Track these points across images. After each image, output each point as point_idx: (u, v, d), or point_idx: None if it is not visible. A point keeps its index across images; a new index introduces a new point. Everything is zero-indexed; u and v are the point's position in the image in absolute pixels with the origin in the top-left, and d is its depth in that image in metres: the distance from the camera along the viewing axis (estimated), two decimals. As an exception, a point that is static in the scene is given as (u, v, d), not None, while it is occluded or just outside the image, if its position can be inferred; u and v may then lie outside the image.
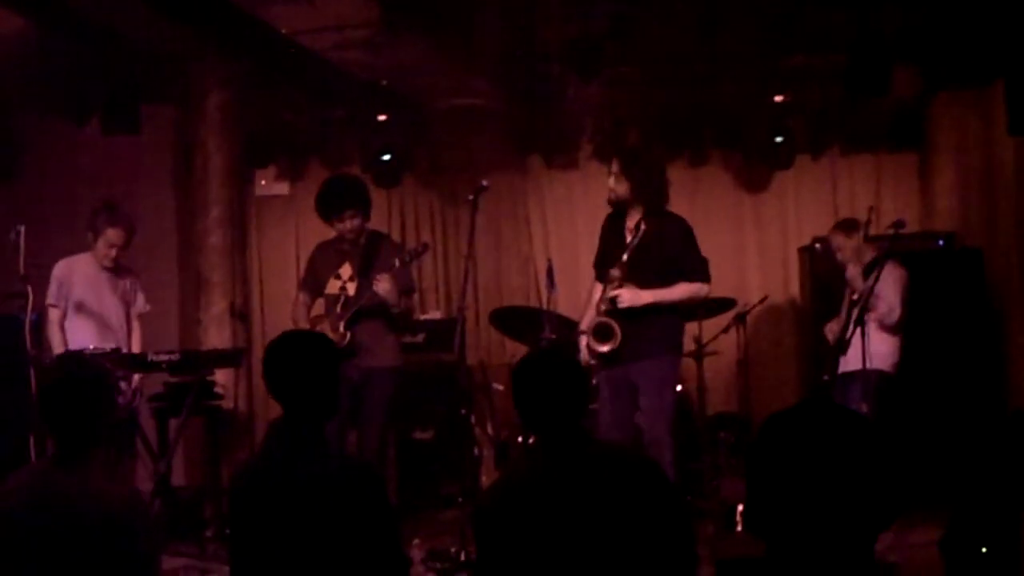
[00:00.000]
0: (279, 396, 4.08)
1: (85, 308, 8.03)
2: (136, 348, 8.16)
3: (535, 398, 3.90)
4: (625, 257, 7.03)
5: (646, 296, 6.95)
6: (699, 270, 7.05)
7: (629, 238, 7.08)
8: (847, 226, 8.32)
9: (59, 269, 8.04)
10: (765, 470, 2.35)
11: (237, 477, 4.11)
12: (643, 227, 7.01)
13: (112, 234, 7.95)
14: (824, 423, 2.34)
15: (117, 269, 8.14)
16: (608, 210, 7.37)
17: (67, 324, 8.01)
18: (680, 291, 6.99)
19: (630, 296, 6.95)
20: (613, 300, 7.00)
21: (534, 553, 3.70)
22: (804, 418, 2.36)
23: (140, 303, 8.28)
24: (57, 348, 7.85)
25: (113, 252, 8.00)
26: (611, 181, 7.16)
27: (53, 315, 7.97)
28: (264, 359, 4.14)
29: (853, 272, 7.93)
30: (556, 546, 3.68)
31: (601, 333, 7.06)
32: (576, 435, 3.87)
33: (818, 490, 2.26)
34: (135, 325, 8.23)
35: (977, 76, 8.74)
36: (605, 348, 7.03)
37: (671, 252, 7.01)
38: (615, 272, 7.06)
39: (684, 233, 7.09)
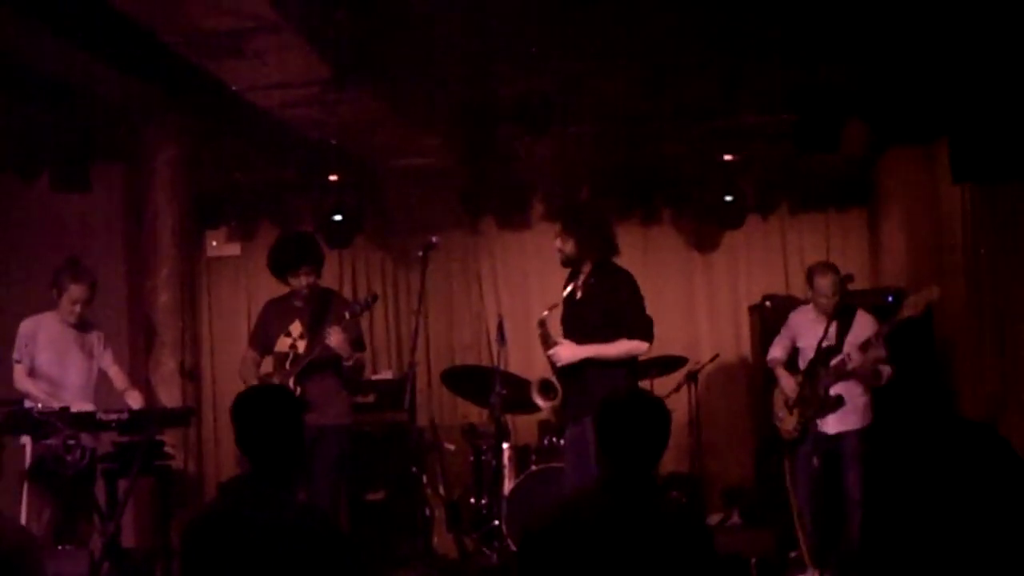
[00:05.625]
0: (247, 450, 4.05)
1: (40, 370, 8.00)
2: (121, 387, 8.22)
3: (621, 439, 3.93)
4: (560, 313, 7.12)
5: (584, 351, 6.90)
6: (640, 328, 6.96)
7: (578, 294, 7.10)
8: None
9: (25, 327, 8.03)
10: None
11: (189, 527, 4.03)
12: (590, 282, 7.04)
13: (75, 290, 7.96)
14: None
15: (83, 325, 8.14)
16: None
17: None
18: (619, 348, 6.89)
19: (567, 353, 6.94)
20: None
21: None
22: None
23: (108, 358, 8.27)
24: (33, 395, 7.82)
25: (77, 308, 8.00)
26: (557, 242, 7.15)
27: (19, 370, 7.95)
28: (232, 413, 4.10)
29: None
30: None
31: (544, 388, 7.18)
32: (647, 483, 3.93)
33: None
34: (117, 373, 8.26)
35: (925, 132, 8.82)
36: (545, 403, 7.15)
37: (614, 307, 6.95)
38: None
39: (629, 290, 7.00)
